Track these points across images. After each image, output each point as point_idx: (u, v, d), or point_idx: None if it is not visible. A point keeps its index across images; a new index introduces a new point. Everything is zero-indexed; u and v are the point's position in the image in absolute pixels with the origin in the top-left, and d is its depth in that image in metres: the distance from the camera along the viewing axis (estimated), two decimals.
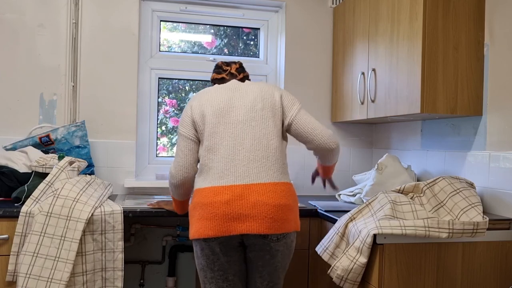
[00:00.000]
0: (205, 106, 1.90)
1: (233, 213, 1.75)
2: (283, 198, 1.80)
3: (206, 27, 3.11)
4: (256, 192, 1.77)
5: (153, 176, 2.92)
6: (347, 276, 1.81)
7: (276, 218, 1.76)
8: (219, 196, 1.77)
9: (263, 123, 1.87)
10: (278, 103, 1.92)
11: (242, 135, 1.84)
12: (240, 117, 1.87)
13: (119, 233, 2.08)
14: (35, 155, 2.43)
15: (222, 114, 1.88)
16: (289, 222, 1.81)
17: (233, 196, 1.76)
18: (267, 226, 1.75)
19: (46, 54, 2.71)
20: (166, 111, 3.07)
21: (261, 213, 1.75)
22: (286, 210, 1.80)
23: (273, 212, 1.76)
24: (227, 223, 1.75)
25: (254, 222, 1.74)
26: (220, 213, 1.75)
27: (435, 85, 2.13)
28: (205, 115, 1.89)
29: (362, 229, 1.84)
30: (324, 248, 2.05)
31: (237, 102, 1.90)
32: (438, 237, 1.77)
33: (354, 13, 2.77)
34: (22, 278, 1.91)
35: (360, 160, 3.13)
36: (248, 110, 1.88)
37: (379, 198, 1.98)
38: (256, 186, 1.78)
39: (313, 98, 3.06)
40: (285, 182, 1.85)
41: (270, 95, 1.93)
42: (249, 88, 1.95)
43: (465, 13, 2.17)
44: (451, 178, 2.04)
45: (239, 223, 1.75)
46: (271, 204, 1.76)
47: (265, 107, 1.89)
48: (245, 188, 1.78)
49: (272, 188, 1.79)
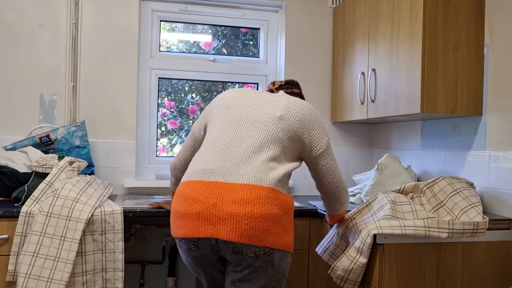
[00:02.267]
0: (222, 100, 1.83)
1: (205, 211, 1.57)
2: (268, 206, 1.57)
3: (204, 27, 3.11)
4: (235, 194, 1.58)
5: (153, 176, 2.92)
6: (347, 276, 1.81)
7: (255, 227, 1.54)
8: (198, 191, 1.62)
9: (277, 131, 1.70)
10: (305, 131, 1.75)
11: (244, 134, 1.70)
12: (251, 118, 1.74)
13: (119, 233, 2.07)
14: (35, 155, 2.43)
15: (236, 111, 1.77)
16: (272, 235, 1.57)
17: (210, 193, 1.59)
18: (239, 233, 1.54)
19: (46, 54, 2.71)
20: (164, 113, 3.06)
21: (237, 218, 1.54)
22: (269, 220, 1.57)
23: (251, 219, 1.55)
24: (197, 222, 1.58)
25: (225, 226, 1.54)
26: (194, 211, 1.59)
27: (435, 85, 2.13)
28: (221, 107, 1.81)
29: (362, 229, 1.84)
30: (324, 249, 2.05)
31: (258, 104, 1.78)
32: (438, 237, 1.77)
33: (354, 13, 2.77)
34: (22, 278, 1.91)
35: (360, 160, 3.13)
36: (263, 116, 1.74)
37: (379, 198, 1.98)
38: (236, 187, 1.59)
39: (313, 98, 3.06)
40: (274, 189, 1.62)
41: (299, 112, 1.76)
42: (277, 96, 1.82)
43: (465, 13, 2.17)
44: (451, 178, 2.04)
45: (210, 226, 1.56)
46: (251, 209, 1.56)
47: (286, 118, 1.73)
48: (222, 186, 1.60)
49: (257, 193, 1.58)
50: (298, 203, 2.53)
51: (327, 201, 1.88)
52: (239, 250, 1.57)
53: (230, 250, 1.58)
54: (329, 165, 1.80)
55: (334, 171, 1.81)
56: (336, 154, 3.09)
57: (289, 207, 1.66)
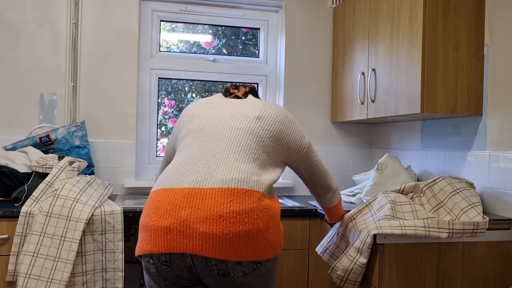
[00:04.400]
0: (192, 110, 1.70)
1: (178, 225, 1.35)
2: (252, 221, 1.38)
3: (204, 27, 3.11)
4: (213, 200, 1.37)
5: (153, 176, 2.92)
6: (347, 276, 1.81)
7: (238, 242, 1.34)
8: (168, 202, 1.40)
9: (256, 129, 1.56)
10: (284, 132, 1.64)
11: (218, 136, 1.54)
12: (224, 120, 1.59)
13: (119, 233, 2.07)
14: (35, 155, 2.43)
15: (205, 116, 1.63)
16: (260, 247, 1.39)
17: (186, 201, 1.38)
18: (222, 249, 1.32)
19: (46, 54, 2.71)
20: (165, 112, 3.07)
21: (218, 232, 1.33)
22: (255, 234, 1.37)
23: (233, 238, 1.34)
24: (168, 236, 1.35)
25: (206, 242, 1.33)
26: (163, 225, 1.37)
27: (435, 85, 2.13)
28: (189, 117, 1.67)
29: (362, 229, 1.84)
30: (324, 249, 2.05)
31: (229, 108, 1.65)
32: (438, 237, 1.77)
33: (354, 13, 2.77)
34: (22, 278, 1.91)
35: (360, 160, 3.13)
36: (240, 116, 1.59)
37: (379, 198, 1.98)
38: (214, 192, 1.39)
39: (313, 98, 3.06)
40: (258, 192, 1.43)
41: (280, 112, 1.67)
42: (249, 99, 1.71)
43: (465, 13, 2.17)
44: (451, 178, 2.04)
45: (185, 240, 1.33)
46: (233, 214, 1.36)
47: (264, 117, 1.60)
48: (197, 192, 1.39)
49: (232, 195, 1.38)
50: (298, 203, 2.53)
51: (321, 195, 1.85)
52: (224, 272, 1.36)
53: (214, 273, 1.36)
54: (317, 159, 1.77)
55: (322, 165, 1.80)
56: (336, 154, 3.09)
57: (274, 211, 1.47)
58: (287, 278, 2.32)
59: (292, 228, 2.35)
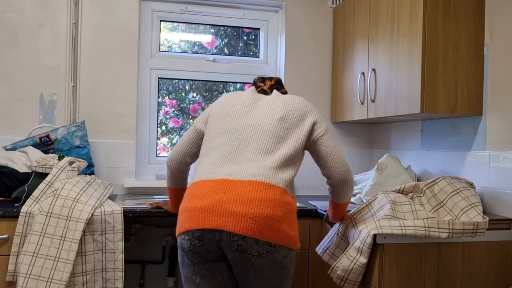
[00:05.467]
0: (226, 107, 1.87)
1: (211, 205, 1.60)
2: (274, 209, 1.61)
3: (206, 27, 3.11)
4: (242, 189, 1.61)
5: (153, 176, 2.92)
6: (347, 276, 1.81)
7: (259, 222, 1.56)
8: (206, 189, 1.65)
9: (281, 132, 1.77)
10: (310, 122, 1.83)
11: (248, 138, 1.75)
12: (253, 121, 1.79)
13: (119, 233, 2.07)
14: (35, 155, 2.43)
15: (237, 117, 1.82)
16: (276, 231, 1.60)
17: (221, 188, 1.63)
18: (243, 227, 1.55)
19: (46, 54, 2.71)
20: (167, 112, 3.07)
21: (243, 211, 1.57)
22: (273, 219, 1.59)
23: (256, 218, 1.57)
24: (202, 214, 1.60)
25: (232, 219, 1.56)
26: (200, 206, 1.62)
27: (435, 85, 2.13)
28: (222, 115, 1.85)
29: (362, 229, 1.84)
30: (324, 249, 2.05)
31: (257, 108, 1.84)
32: (438, 237, 1.77)
33: (354, 13, 2.77)
34: (22, 278, 1.91)
35: (360, 160, 3.13)
36: (267, 117, 1.79)
37: (379, 198, 1.98)
38: (244, 183, 1.63)
39: (313, 98, 3.06)
40: (281, 188, 1.66)
41: (301, 108, 1.84)
42: (273, 97, 1.88)
43: (465, 13, 2.16)
44: (451, 178, 2.04)
45: (216, 217, 1.58)
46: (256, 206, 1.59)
47: (287, 117, 1.79)
48: (230, 182, 1.64)
49: (259, 187, 1.62)
50: (298, 203, 2.53)
51: (335, 185, 1.84)
52: (243, 249, 1.58)
53: (234, 248, 1.58)
54: (331, 146, 1.83)
55: (337, 151, 1.83)
56: None
57: (293, 207, 1.70)
58: None
59: None
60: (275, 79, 2.00)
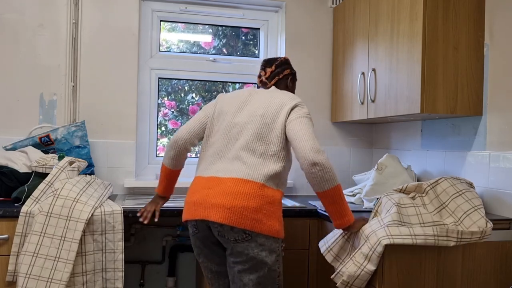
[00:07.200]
0: (224, 105, 2.01)
1: (200, 199, 1.82)
2: (250, 201, 1.75)
3: (204, 27, 3.11)
4: (224, 185, 1.79)
5: (153, 176, 2.92)
6: (352, 282, 1.79)
7: (235, 212, 1.73)
8: (199, 185, 1.88)
9: (261, 129, 1.87)
10: (285, 112, 1.88)
11: (235, 137, 1.90)
12: (240, 120, 1.93)
13: (119, 233, 2.07)
14: (35, 155, 2.43)
15: (230, 115, 1.96)
16: (251, 220, 1.73)
17: (211, 184, 1.83)
18: (221, 216, 1.75)
19: (46, 54, 2.71)
20: (165, 113, 3.06)
21: (221, 203, 1.75)
22: (249, 209, 1.74)
23: (234, 208, 1.74)
24: (194, 207, 1.84)
25: (213, 210, 1.77)
26: (193, 200, 1.85)
27: (435, 85, 2.13)
28: (220, 113, 2.00)
29: (369, 235, 1.81)
30: (327, 248, 2.00)
31: (246, 107, 1.96)
32: (447, 246, 1.78)
33: (354, 13, 2.77)
34: (22, 278, 1.91)
35: (360, 160, 3.13)
36: (250, 116, 1.91)
37: (383, 202, 1.94)
38: (226, 180, 1.80)
39: (313, 98, 3.06)
40: (259, 183, 1.78)
41: (278, 103, 1.91)
42: (264, 94, 1.98)
43: (465, 13, 2.17)
44: (453, 179, 2.02)
45: (202, 209, 1.80)
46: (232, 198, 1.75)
47: (266, 114, 1.89)
48: (216, 179, 1.83)
49: (240, 183, 1.78)
50: (298, 203, 2.53)
51: (306, 170, 1.76)
52: (222, 234, 1.78)
53: (217, 234, 1.79)
54: (298, 128, 1.81)
55: (304, 133, 1.78)
56: (336, 154, 3.09)
57: (274, 199, 1.81)
58: (287, 278, 2.32)
59: (292, 228, 2.35)
60: (276, 64, 2.08)
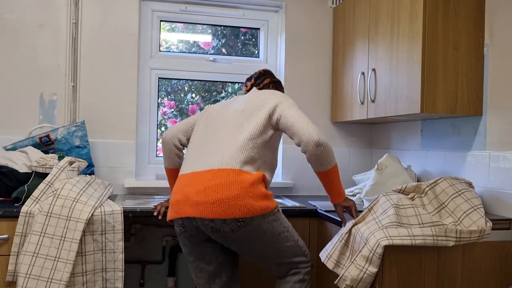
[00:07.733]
0: (212, 111, 2.11)
1: (183, 197, 1.83)
2: (229, 190, 1.77)
3: (204, 27, 3.11)
4: (202, 179, 1.82)
5: (153, 176, 2.92)
6: (356, 285, 1.79)
7: (221, 204, 1.75)
8: (180, 184, 1.90)
9: (241, 121, 1.93)
10: (269, 105, 1.95)
11: (215, 131, 1.97)
12: (222, 116, 2.01)
13: (119, 233, 2.07)
14: (35, 155, 2.43)
15: (214, 116, 2.06)
16: (239, 207, 1.75)
17: (189, 181, 1.85)
18: (209, 211, 1.76)
19: (46, 54, 2.71)
20: (164, 112, 3.07)
21: (204, 200, 1.77)
22: (232, 198, 1.75)
23: (217, 201, 1.75)
24: (178, 206, 1.85)
25: (198, 208, 1.78)
26: (176, 199, 1.87)
27: (435, 85, 2.13)
28: (208, 116, 2.10)
29: (369, 237, 1.81)
30: (327, 256, 2.00)
31: (230, 107, 2.05)
32: (446, 246, 1.78)
33: (354, 13, 2.77)
34: (22, 278, 1.91)
35: (360, 160, 3.13)
36: (232, 112, 1.98)
37: (381, 201, 1.95)
38: (204, 173, 1.83)
39: (313, 98, 3.06)
40: (235, 169, 1.80)
41: (262, 99, 1.98)
42: (246, 95, 2.07)
43: (465, 13, 2.17)
44: (452, 179, 2.02)
45: (187, 207, 1.81)
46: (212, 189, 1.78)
47: (247, 109, 1.96)
48: (195, 175, 1.86)
49: (216, 174, 1.80)
50: (298, 203, 2.53)
51: (309, 150, 1.84)
52: (216, 229, 1.78)
53: (210, 230, 1.80)
54: (292, 114, 1.89)
55: (301, 119, 1.88)
56: (336, 154, 3.09)
57: (255, 180, 1.80)
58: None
59: None
60: (255, 77, 2.20)
